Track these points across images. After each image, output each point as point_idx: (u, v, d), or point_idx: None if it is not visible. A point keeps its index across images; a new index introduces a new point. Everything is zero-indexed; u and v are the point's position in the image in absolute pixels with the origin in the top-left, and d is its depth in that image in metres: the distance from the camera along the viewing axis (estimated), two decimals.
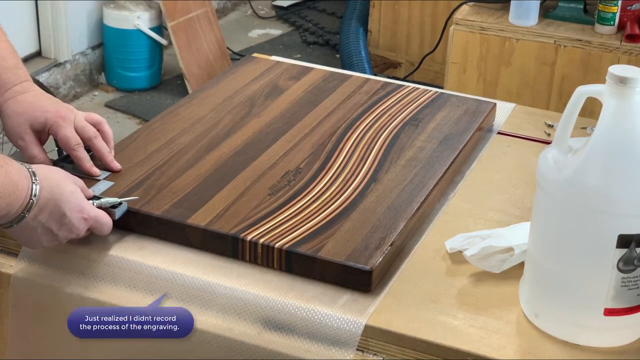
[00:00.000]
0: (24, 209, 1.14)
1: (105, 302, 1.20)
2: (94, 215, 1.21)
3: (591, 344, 1.10)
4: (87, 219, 1.20)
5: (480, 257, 1.21)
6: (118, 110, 3.75)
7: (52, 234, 1.18)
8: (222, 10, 4.79)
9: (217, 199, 1.29)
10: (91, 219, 1.21)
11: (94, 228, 1.22)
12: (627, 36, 2.61)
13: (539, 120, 1.66)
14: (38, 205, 1.14)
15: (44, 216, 1.16)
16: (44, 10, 3.64)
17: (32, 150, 1.32)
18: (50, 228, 1.17)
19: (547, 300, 1.11)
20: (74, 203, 1.18)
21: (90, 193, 1.25)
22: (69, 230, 1.19)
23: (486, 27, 2.75)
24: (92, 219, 1.21)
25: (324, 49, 4.49)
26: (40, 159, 1.32)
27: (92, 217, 1.21)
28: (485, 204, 1.39)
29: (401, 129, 1.52)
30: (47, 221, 1.17)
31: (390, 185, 1.35)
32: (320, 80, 1.70)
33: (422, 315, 1.14)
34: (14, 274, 1.25)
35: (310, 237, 1.22)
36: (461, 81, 2.82)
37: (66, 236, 1.20)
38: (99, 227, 1.22)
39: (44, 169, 1.17)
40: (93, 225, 1.22)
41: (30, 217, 1.15)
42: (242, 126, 1.51)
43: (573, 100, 1.07)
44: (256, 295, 1.16)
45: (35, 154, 1.32)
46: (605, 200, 1.03)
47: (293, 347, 1.13)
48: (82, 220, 1.20)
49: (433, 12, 3.85)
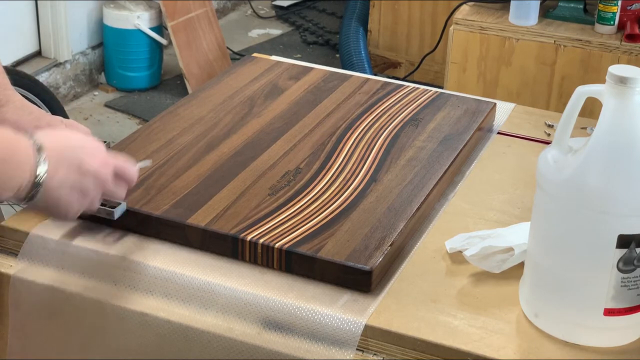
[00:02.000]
0: (36, 174, 1.04)
1: (106, 302, 1.20)
2: (113, 162, 1.13)
3: (591, 344, 1.10)
4: (108, 164, 1.12)
5: (480, 257, 1.21)
6: (118, 110, 3.75)
7: (79, 193, 1.10)
8: (222, 10, 4.79)
9: (217, 199, 1.29)
10: (111, 164, 1.13)
11: (122, 174, 1.14)
12: (627, 36, 2.61)
13: (539, 120, 1.66)
14: (50, 164, 1.05)
15: (62, 173, 1.07)
16: (44, 10, 3.64)
17: None
18: (74, 185, 1.08)
19: (547, 300, 1.11)
20: (89, 148, 1.10)
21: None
22: (95, 179, 1.10)
23: (486, 27, 2.75)
24: (111, 164, 1.13)
25: (324, 49, 4.49)
26: None
27: (112, 162, 1.13)
28: (485, 204, 1.39)
29: (401, 129, 1.52)
30: (66, 176, 1.08)
31: (390, 185, 1.35)
32: (320, 80, 1.70)
33: (422, 315, 1.14)
34: (14, 274, 1.25)
35: (310, 237, 1.22)
36: (461, 81, 2.82)
37: (95, 190, 1.11)
38: (124, 173, 1.14)
39: (46, 131, 1.09)
40: (118, 170, 1.14)
41: (48, 179, 1.05)
42: (242, 126, 1.51)
43: (573, 100, 1.07)
44: (256, 295, 1.16)
45: None
46: (605, 200, 1.03)
47: (293, 347, 1.13)
48: (105, 166, 1.11)
49: (433, 12, 3.85)
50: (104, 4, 3.86)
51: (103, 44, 3.91)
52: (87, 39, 3.88)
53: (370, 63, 3.92)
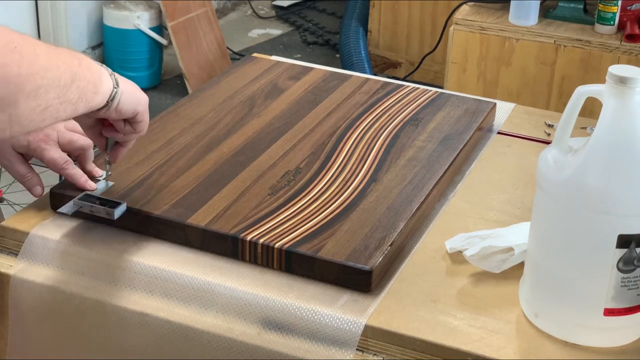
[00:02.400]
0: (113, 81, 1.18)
1: (105, 302, 1.20)
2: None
3: (591, 344, 1.10)
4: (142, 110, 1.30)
5: (480, 257, 1.21)
6: None
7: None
8: (222, 10, 4.79)
9: (217, 199, 1.29)
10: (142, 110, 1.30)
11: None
12: (627, 36, 2.61)
13: (539, 120, 1.66)
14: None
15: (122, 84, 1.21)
16: (44, 10, 3.64)
17: (19, 169, 1.30)
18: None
19: (547, 300, 1.11)
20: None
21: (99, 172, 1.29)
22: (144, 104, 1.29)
23: (486, 27, 2.75)
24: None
25: (324, 49, 4.49)
26: (29, 176, 1.31)
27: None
28: (485, 203, 1.39)
29: (401, 129, 1.52)
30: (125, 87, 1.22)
31: (390, 185, 1.35)
32: (320, 80, 1.70)
33: (422, 315, 1.14)
34: (14, 274, 1.25)
35: (310, 237, 1.22)
36: (461, 81, 2.82)
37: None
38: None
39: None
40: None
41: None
42: (242, 126, 1.51)
43: (573, 100, 1.07)
44: (256, 295, 1.16)
45: (23, 172, 1.30)
46: (605, 200, 1.03)
47: (293, 347, 1.13)
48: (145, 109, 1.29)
49: (433, 12, 3.85)
50: (104, 4, 3.86)
51: (103, 44, 3.91)
52: (87, 39, 3.88)
53: (370, 63, 3.92)
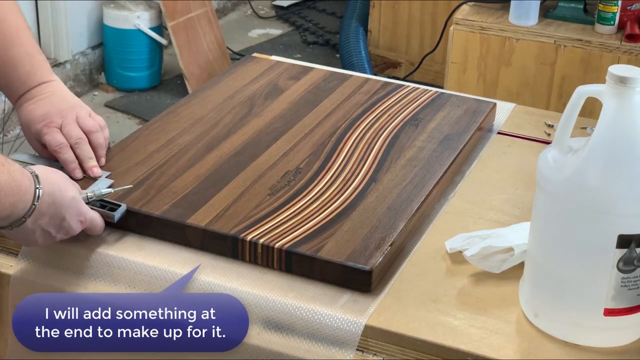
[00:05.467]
0: (25, 213, 1.13)
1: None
2: (89, 218, 1.22)
3: (591, 344, 1.10)
4: (83, 222, 1.21)
5: (480, 257, 1.21)
6: (118, 110, 3.75)
7: (49, 236, 1.19)
8: (222, 10, 4.79)
9: (217, 199, 1.29)
10: (87, 221, 1.22)
11: (87, 229, 1.23)
12: (627, 36, 2.61)
13: (539, 120, 1.66)
14: (39, 210, 1.14)
15: (44, 220, 1.16)
16: (44, 10, 3.64)
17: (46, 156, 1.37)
18: (48, 231, 1.18)
19: (547, 300, 1.11)
20: (74, 208, 1.19)
21: (84, 192, 1.26)
22: (66, 232, 1.20)
23: (486, 27, 2.75)
24: (87, 222, 1.22)
25: (324, 49, 4.49)
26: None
27: (88, 219, 1.22)
28: (485, 204, 1.39)
29: (401, 129, 1.52)
30: (47, 225, 1.17)
31: (390, 185, 1.35)
32: (320, 80, 1.70)
33: (422, 315, 1.14)
34: (14, 274, 1.25)
35: (310, 237, 1.22)
36: (461, 81, 2.82)
37: (62, 237, 1.21)
38: (92, 228, 1.24)
39: (46, 172, 1.17)
40: (87, 226, 1.23)
41: (31, 222, 1.15)
42: (242, 126, 1.51)
43: (573, 100, 1.07)
44: (256, 296, 1.16)
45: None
46: (605, 200, 1.03)
47: (293, 347, 1.13)
48: (79, 223, 1.21)
49: (433, 12, 3.85)
50: (104, 4, 3.85)
51: (103, 44, 3.91)
52: (87, 39, 3.88)
53: (370, 63, 3.92)
